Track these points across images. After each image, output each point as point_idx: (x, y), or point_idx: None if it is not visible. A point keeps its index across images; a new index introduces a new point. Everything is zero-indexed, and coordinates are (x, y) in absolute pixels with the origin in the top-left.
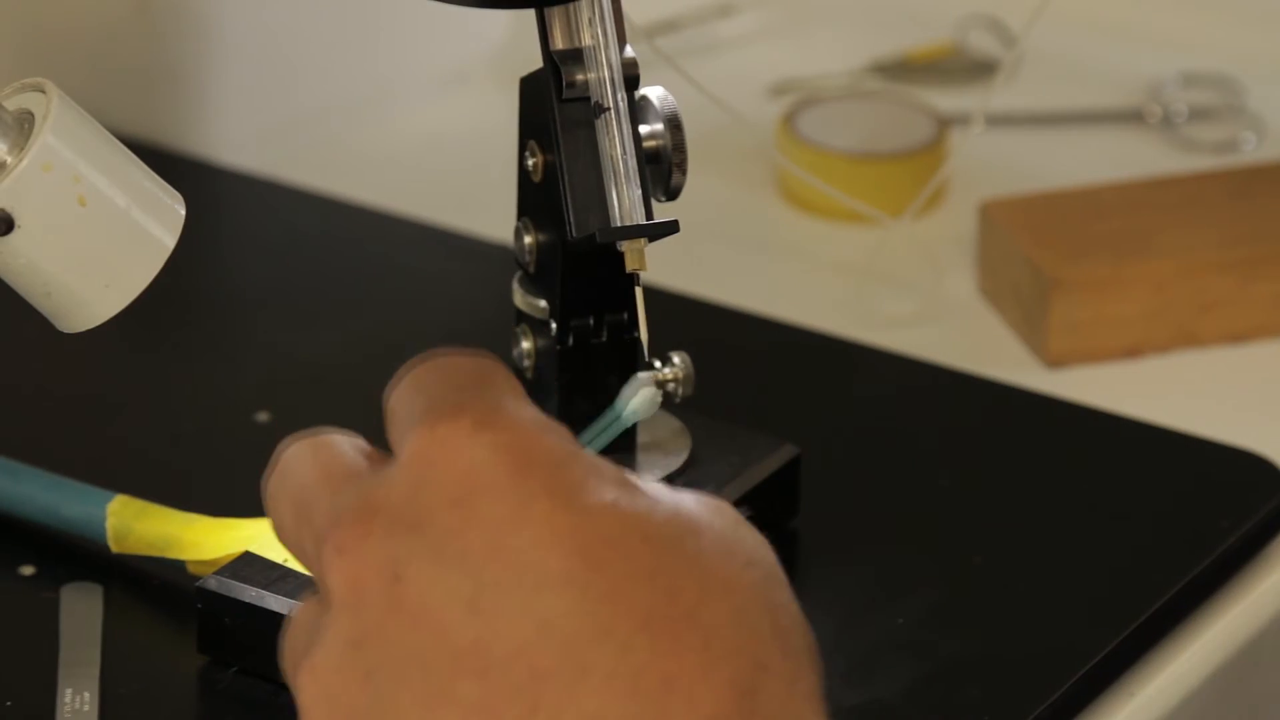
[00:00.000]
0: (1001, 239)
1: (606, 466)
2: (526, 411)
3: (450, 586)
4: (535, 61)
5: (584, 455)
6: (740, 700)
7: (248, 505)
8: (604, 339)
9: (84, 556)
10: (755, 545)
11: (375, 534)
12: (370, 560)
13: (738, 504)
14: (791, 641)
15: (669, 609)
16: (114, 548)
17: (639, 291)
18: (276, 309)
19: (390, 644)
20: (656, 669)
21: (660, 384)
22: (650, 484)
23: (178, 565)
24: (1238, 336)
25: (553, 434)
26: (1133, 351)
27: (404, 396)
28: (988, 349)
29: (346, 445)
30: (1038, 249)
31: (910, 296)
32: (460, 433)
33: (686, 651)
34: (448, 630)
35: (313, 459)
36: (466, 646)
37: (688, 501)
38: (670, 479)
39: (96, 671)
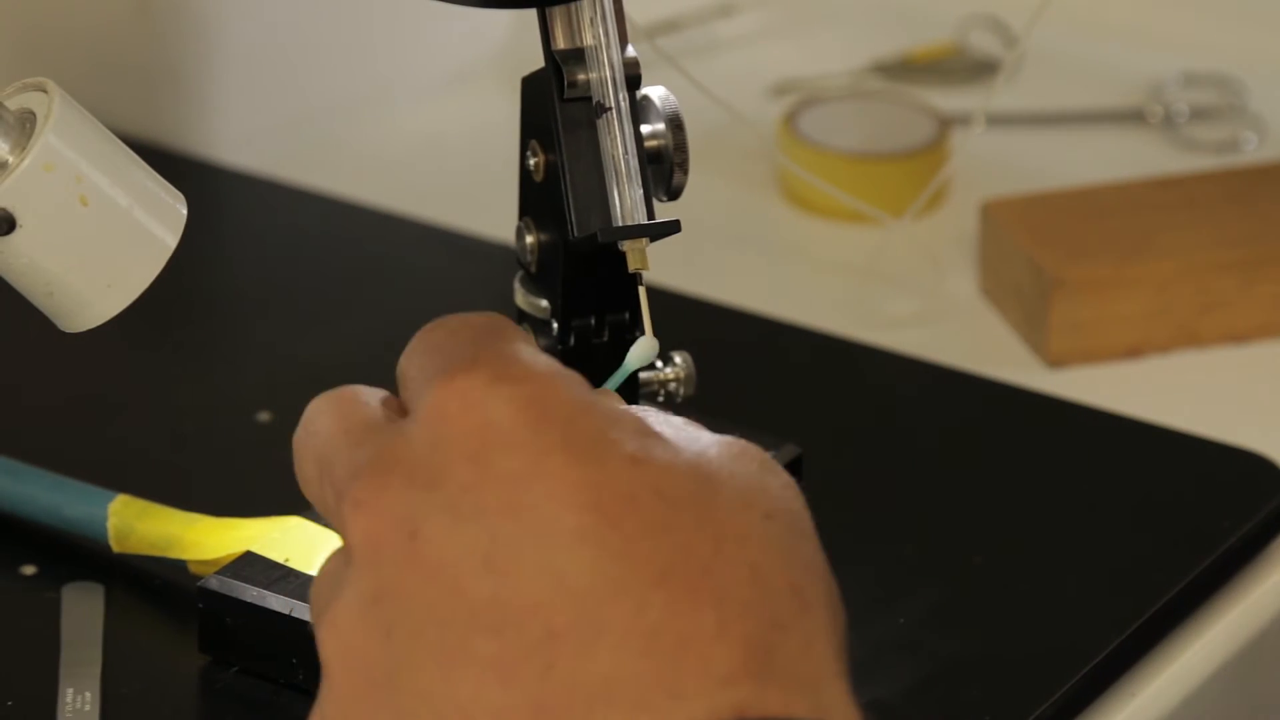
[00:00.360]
0: (1003, 239)
1: (626, 415)
2: (542, 360)
3: (466, 542)
4: (537, 61)
5: (602, 404)
6: (756, 660)
7: (249, 505)
8: (606, 339)
9: (85, 556)
10: (779, 493)
11: (393, 488)
12: (388, 515)
13: None
14: (809, 596)
15: (684, 566)
16: (115, 547)
17: (642, 291)
18: (278, 309)
19: (408, 599)
20: (671, 628)
21: (661, 383)
22: (674, 428)
23: (179, 565)
24: (1239, 337)
25: (570, 383)
26: (1134, 351)
27: (416, 357)
28: (989, 349)
29: (369, 397)
30: (1039, 249)
31: (911, 296)
32: (477, 386)
33: (702, 609)
34: (464, 586)
35: (335, 412)
36: (483, 603)
37: (710, 449)
38: None
39: (98, 671)
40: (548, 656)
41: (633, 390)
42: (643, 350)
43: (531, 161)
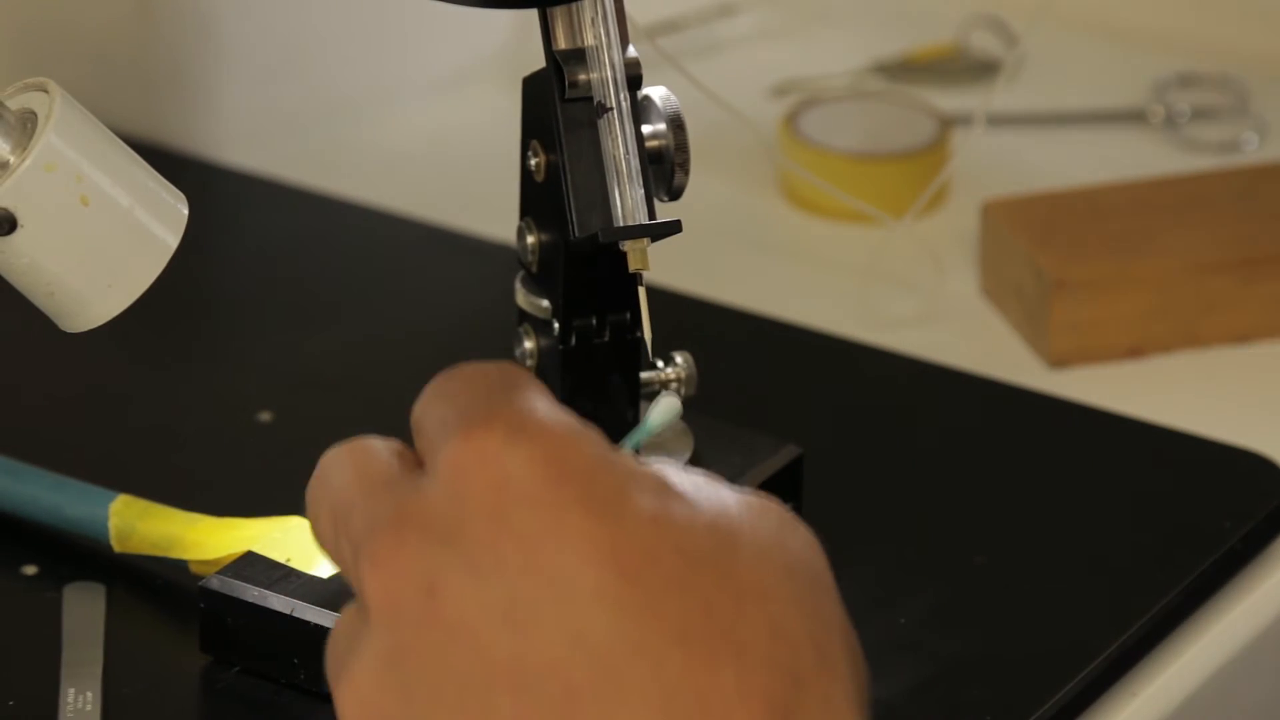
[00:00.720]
0: (1003, 239)
1: (645, 472)
2: (560, 416)
3: (486, 600)
4: (538, 61)
5: (620, 460)
6: (776, 718)
7: (250, 505)
8: (606, 339)
9: (86, 556)
10: (799, 549)
11: (410, 545)
12: (405, 572)
13: None
14: (831, 652)
15: (704, 624)
16: (116, 547)
17: (642, 291)
18: (279, 309)
19: (427, 658)
20: (691, 686)
21: (662, 383)
22: (693, 485)
23: (180, 565)
24: (1240, 336)
25: (588, 439)
26: (1135, 351)
27: (431, 408)
28: (990, 349)
29: (385, 449)
30: (1040, 249)
31: (912, 297)
32: (494, 441)
33: (722, 668)
34: (484, 644)
35: (350, 464)
36: (503, 661)
37: (730, 506)
38: None
39: (99, 671)
40: (567, 715)
41: (634, 392)
42: (664, 409)
43: (532, 161)
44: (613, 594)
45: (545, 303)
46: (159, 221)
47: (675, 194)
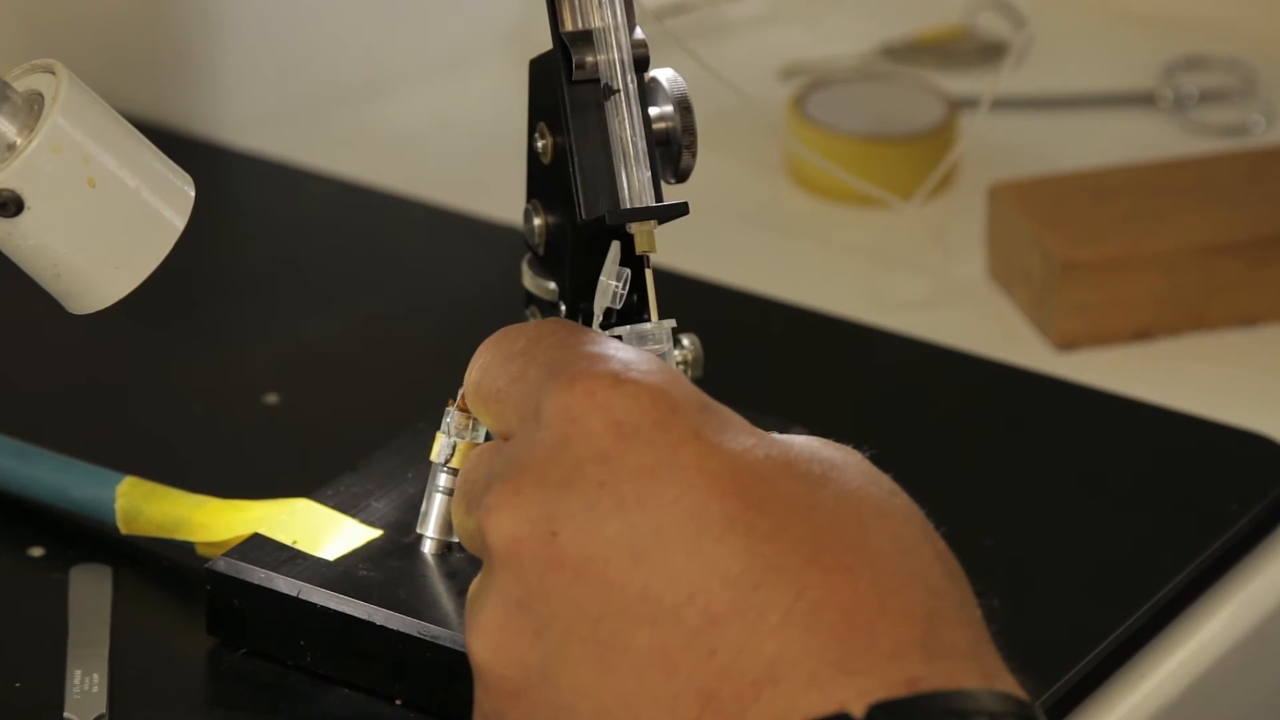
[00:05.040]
0: (1010, 221)
1: (734, 414)
2: (652, 360)
3: (609, 537)
4: (545, 43)
5: (714, 401)
6: (919, 630)
7: (257, 487)
8: (614, 321)
9: (93, 538)
10: (886, 476)
11: (525, 490)
12: (524, 518)
13: None
14: (952, 564)
15: (835, 542)
16: (123, 529)
17: (649, 274)
18: (285, 291)
19: (555, 599)
20: (832, 605)
21: None
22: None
23: (187, 547)
24: (1247, 319)
25: (682, 381)
26: (1142, 334)
27: (502, 370)
28: (997, 331)
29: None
30: (1046, 231)
31: (920, 279)
32: (601, 385)
33: (860, 584)
34: (612, 580)
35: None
36: (635, 595)
37: (815, 442)
38: None
39: (105, 653)
40: (709, 643)
41: None
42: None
43: (539, 144)
44: (742, 521)
45: (552, 285)
46: (165, 203)
47: (682, 176)
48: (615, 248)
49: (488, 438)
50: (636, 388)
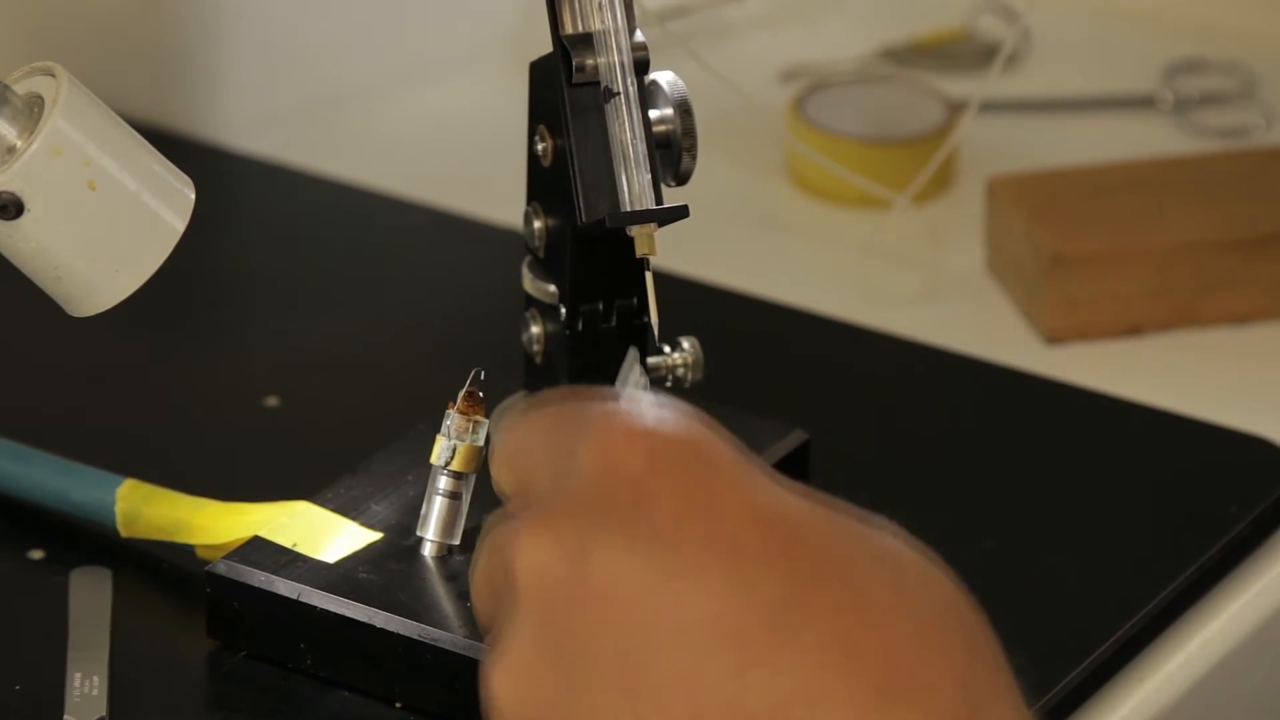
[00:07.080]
0: (1006, 215)
1: (770, 467)
2: (680, 405)
3: (640, 566)
4: (545, 46)
5: (739, 445)
6: (960, 672)
7: (257, 489)
8: (614, 324)
9: (93, 541)
10: (905, 540)
11: (556, 525)
12: (554, 543)
13: None
14: (990, 634)
15: (874, 586)
16: (123, 532)
17: (649, 276)
18: (286, 293)
19: (581, 629)
20: (872, 634)
21: (669, 368)
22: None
23: (187, 549)
24: (1239, 318)
25: (720, 429)
26: (1133, 330)
27: (534, 439)
28: (990, 326)
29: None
30: (1039, 224)
31: (918, 279)
32: (641, 429)
33: (901, 622)
34: (640, 604)
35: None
36: (665, 621)
37: (851, 508)
38: None
39: (105, 655)
40: (739, 667)
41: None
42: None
43: (540, 146)
44: (779, 556)
45: (552, 288)
46: (166, 206)
47: (682, 179)
48: (633, 357)
49: (488, 439)
50: (676, 430)
